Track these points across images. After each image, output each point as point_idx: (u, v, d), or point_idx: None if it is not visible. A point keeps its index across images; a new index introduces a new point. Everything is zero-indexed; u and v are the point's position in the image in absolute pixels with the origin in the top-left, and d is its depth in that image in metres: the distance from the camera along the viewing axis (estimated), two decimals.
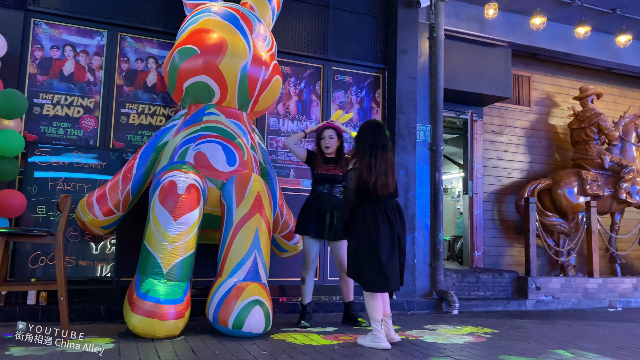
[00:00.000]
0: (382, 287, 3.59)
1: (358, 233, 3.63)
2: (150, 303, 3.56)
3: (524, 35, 6.93)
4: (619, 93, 8.42)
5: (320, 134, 4.53)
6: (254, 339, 3.75)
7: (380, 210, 3.61)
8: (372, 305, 3.60)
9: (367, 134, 3.70)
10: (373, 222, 3.58)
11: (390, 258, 3.57)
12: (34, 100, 4.80)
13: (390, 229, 3.61)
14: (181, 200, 3.79)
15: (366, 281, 3.60)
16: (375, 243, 3.54)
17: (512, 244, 7.47)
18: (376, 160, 3.59)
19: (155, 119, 5.20)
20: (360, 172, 3.60)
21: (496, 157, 7.53)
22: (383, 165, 3.61)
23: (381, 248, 3.54)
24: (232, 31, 4.47)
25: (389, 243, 3.58)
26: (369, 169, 3.57)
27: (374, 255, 3.54)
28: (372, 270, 3.56)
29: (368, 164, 3.59)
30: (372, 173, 3.56)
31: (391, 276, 3.57)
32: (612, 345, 3.98)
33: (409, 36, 6.17)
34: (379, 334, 3.57)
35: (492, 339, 4.11)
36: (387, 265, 3.55)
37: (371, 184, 3.56)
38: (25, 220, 4.37)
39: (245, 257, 3.90)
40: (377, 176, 3.57)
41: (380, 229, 3.57)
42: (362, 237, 3.60)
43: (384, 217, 3.60)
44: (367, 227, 3.58)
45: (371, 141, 3.65)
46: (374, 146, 3.63)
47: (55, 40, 4.93)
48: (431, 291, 5.95)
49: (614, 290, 6.72)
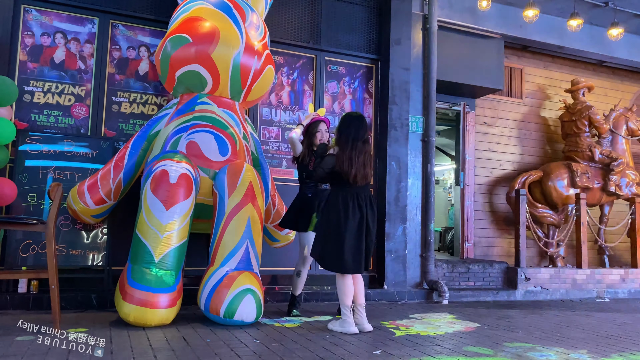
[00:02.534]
0: (339, 267, 3.71)
1: (328, 216, 3.77)
2: (142, 292, 3.58)
3: (517, 27, 6.95)
4: (610, 86, 8.48)
5: (315, 127, 4.42)
6: (246, 327, 3.78)
7: (352, 197, 3.73)
8: (342, 290, 3.74)
9: (349, 128, 3.79)
10: (344, 207, 3.71)
11: (355, 242, 3.70)
12: (25, 88, 4.76)
13: (360, 216, 3.72)
14: (173, 190, 3.79)
15: (324, 260, 3.76)
16: (342, 227, 3.68)
17: (503, 235, 7.53)
18: (357, 153, 3.71)
19: (147, 107, 5.18)
20: (340, 164, 3.70)
21: (488, 149, 7.57)
22: (362, 158, 3.73)
23: (347, 232, 3.67)
24: (224, 20, 4.45)
25: (356, 229, 3.70)
26: (349, 162, 3.69)
27: (338, 238, 3.68)
28: (333, 251, 3.70)
29: (349, 157, 3.70)
30: (352, 166, 3.68)
31: (352, 259, 3.69)
32: (598, 334, 4.04)
33: (402, 27, 6.17)
34: (347, 319, 3.71)
35: (481, 328, 4.16)
36: (350, 248, 3.68)
37: (351, 176, 3.69)
38: (16, 208, 4.36)
39: (237, 247, 3.92)
40: (357, 169, 3.69)
41: (350, 214, 3.69)
42: (332, 219, 3.73)
43: (354, 203, 3.72)
44: (338, 211, 3.71)
45: (353, 135, 3.75)
46: (355, 140, 3.74)
47: (45, 27, 4.89)
48: (422, 281, 6.00)
49: (602, 281, 6.80)
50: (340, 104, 6.06)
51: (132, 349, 3.02)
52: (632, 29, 7.54)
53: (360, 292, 3.83)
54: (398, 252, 5.90)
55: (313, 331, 3.77)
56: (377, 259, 5.95)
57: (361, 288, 3.85)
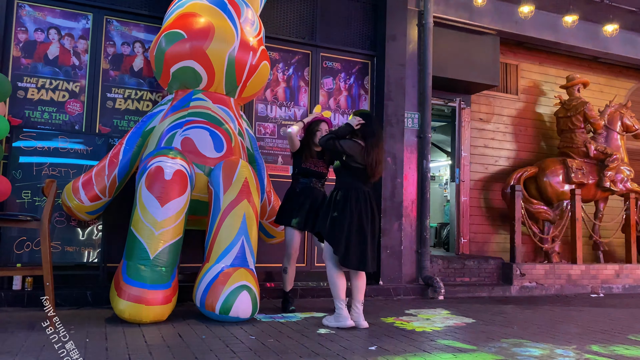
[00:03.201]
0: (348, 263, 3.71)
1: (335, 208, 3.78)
2: (137, 288, 3.57)
3: (512, 23, 6.95)
4: (605, 82, 8.49)
5: (316, 126, 4.43)
6: (241, 323, 3.78)
7: (362, 193, 3.81)
8: (335, 284, 3.78)
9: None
10: (355, 203, 3.76)
11: (359, 238, 3.72)
12: (18, 84, 4.73)
13: (366, 212, 3.77)
14: (168, 186, 3.78)
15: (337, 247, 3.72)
16: (350, 221, 3.71)
17: (498, 231, 7.55)
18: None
19: (142, 104, 5.16)
20: (368, 159, 3.79)
21: (483, 145, 7.58)
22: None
23: (354, 228, 3.71)
24: (219, 15, 4.43)
25: (358, 224, 3.73)
26: (377, 159, 3.83)
27: (348, 233, 3.70)
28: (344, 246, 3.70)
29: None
30: (379, 163, 3.85)
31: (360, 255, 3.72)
32: (593, 329, 4.06)
33: (398, 23, 6.16)
34: (341, 312, 3.73)
35: (476, 323, 4.17)
36: (353, 244, 3.70)
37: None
38: (10, 205, 4.34)
39: (233, 243, 3.91)
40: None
41: (354, 210, 3.73)
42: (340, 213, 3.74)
43: (361, 199, 3.79)
44: (344, 205, 3.74)
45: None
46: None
47: (39, 22, 4.86)
48: (417, 277, 6.01)
49: (597, 276, 6.84)
50: (335, 100, 6.06)
51: (127, 346, 3.02)
52: (627, 25, 7.55)
53: (361, 289, 3.85)
54: (394, 248, 5.91)
55: (309, 327, 3.77)
56: None
57: (362, 285, 3.87)
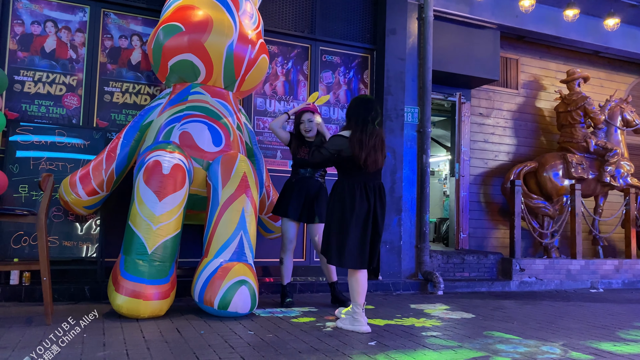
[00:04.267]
0: (340, 261, 3.49)
1: (332, 206, 3.56)
2: (135, 283, 3.55)
3: (513, 17, 6.91)
4: (605, 77, 8.46)
5: (299, 117, 4.44)
6: (240, 318, 3.76)
7: (360, 187, 3.50)
8: (353, 287, 3.55)
9: (358, 109, 3.55)
10: (350, 196, 3.48)
11: (360, 236, 3.48)
12: (15, 77, 4.69)
13: (367, 207, 3.49)
14: (166, 180, 3.75)
15: (332, 256, 3.52)
16: (347, 218, 3.46)
17: (497, 226, 7.54)
18: (367, 136, 3.46)
19: (139, 97, 5.12)
20: (350, 147, 3.46)
21: (483, 140, 7.55)
22: (373, 141, 3.48)
23: (351, 224, 3.45)
24: (217, 8, 4.39)
25: (362, 221, 3.48)
26: (359, 144, 3.44)
27: (342, 230, 3.47)
28: (336, 243, 3.49)
29: (359, 139, 3.45)
30: (362, 149, 3.43)
31: (355, 254, 3.47)
32: (592, 324, 4.05)
33: (398, 16, 6.12)
34: (359, 318, 3.49)
35: (475, 319, 4.16)
36: (354, 242, 3.46)
37: (362, 160, 3.44)
38: (7, 199, 4.31)
39: (231, 238, 3.89)
40: (368, 152, 3.45)
41: (356, 205, 3.46)
42: (336, 210, 3.52)
43: (362, 194, 3.49)
44: (343, 201, 3.49)
45: (363, 116, 3.51)
46: (365, 121, 3.49)
47: (36, 15, 4.81)
48: (417, 272, 5.99)
49: (596, 271, 6.83)
50: (335, 94, 6.02)
51: (125, 341, 3.00)
52: (628, 19, 7.52)
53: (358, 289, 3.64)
54: (393, 243, 5.89)
55: (307, 322, 3.75)
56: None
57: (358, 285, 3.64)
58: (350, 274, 3.57)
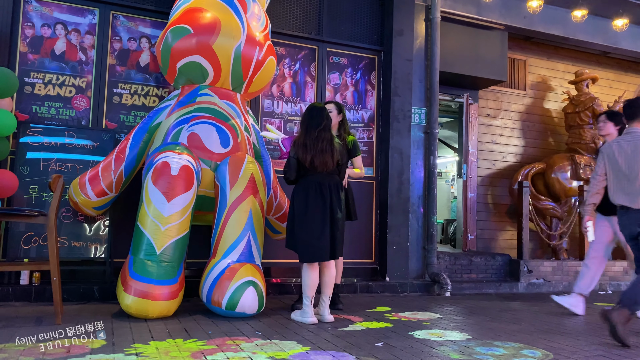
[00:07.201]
0: (305, 257, 3.75)
1: (292, 205, 3.85)
2: (143, 284, 3.57)
3: (521, 18, 6.89)
4: (614, 77, 8.42)
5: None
6: (247, 319, 3.78)
7: (313, 187, 3.78)
8: (305, 281, 3.78)
9: (304, 116, 3.92)
10: (304, 195, 3.78)
11: (318, 231, 3.73)
12: (25, 80, 4.74)
13: (322, 204, 3.76)
14: (174, 181, 3.78)
15: (297, 251, 3.80)
16: (303, 215, 3.74)
17: (505, 228, 7.51)
18: (311, 140, 3.78)
19: (148, 99, 5.16)
20: (296, 151, 3.81)
21: (491, 141, 7.53)
22: (320, 144, 3.79)
23: (307, 221, 3.73)
24: (225, 10, 4.41)
25: (320, 217, 3.74)
26: (304, 148, 3.78)
27: (300, 227, 3.75)
28: (300, 241, 3.75)
29: (303, 143, 3.79)
30: (307, 152, 3.76)
31: (314, 248, 3.73)
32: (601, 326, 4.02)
33: (405, 17, 6.12)
34: (307, 309, 3.76)
35: (482, 320, 4.15)
36: (311, 237, 3.72)
37: (308, 162, 3.76)
38: (17, 200, 4.35)
39: (239, 239, 3.91)
40: (314, 155, 3.76)
41: (310, 203, 3.75)
42: (295, 208, 3.81)
43: (316, 192, 3.77)
44: (299, 200, 3.79)
45: (307, 123, 3.86)
46: (309, 127, 3.84)
47: (46, 18, 4.86)
48: (424, 273, 5.99)
49: (605, 273, 6.77)
50: (342, 95, 6.03)
51: (134, 341, 3.02)
52: (637, 20, 7.46)
53: (329, 283, 3.85)
54: (400, 244, 5.88)
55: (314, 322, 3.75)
56: (379, 250, 5.94)
57: (331, 280, 3.87)
58: (304, 267, 3.80)
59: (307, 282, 3.77)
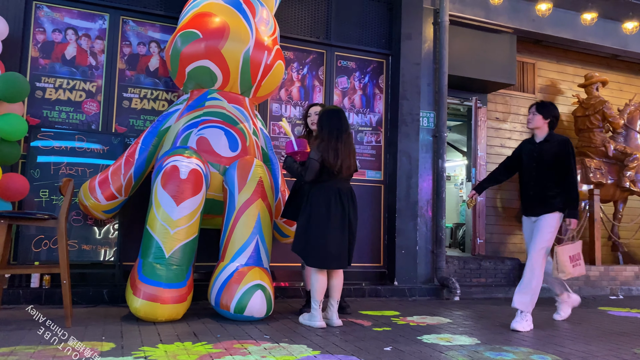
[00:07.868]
0: (323, 264, 3.73)
1: (309, 211, 3.78)
2: (152, 287, 3.59)
3: (530, 21, 6.86)
4: (624, 80, 8.35)
5: (307, 112, 4.44)
6: (256, 323, 3.78)
7: (335, 193, 3.76)
8: (314, 286, 3.76)
9: (331, 120, 3.83)
10: (326, 201, 3.74)
11: (339, 237, 3.74)
12: (36, 84, 4.78)
13: (342, 212, 3.76)
14: (183, 185, 3.79)
15: (309, 256, 3.75)
16: (325, 222, 3.71)
17: (514, 232, 7.46)
18: (342, 145, 3.76)
19: (157, 103, 5.19)
20: (325, 157, 3.71)
21: (500, 145, 7.50)
22: (347, 149, 3.79)
23: (330, 227, 3.71)
24: (234, 15, 4.44)
25: (339, 224, 3.74)
26: (335, 153, 3.72)
27: (322, 233, 3.71)
28: (318, 247, 3.71)
29: (335, 147, 3.73)
30: (338, 157, 3.73)
31: (336, 255, 3.73)
32: (612, 331, 3.99)
33: (413, 21, 6.12)
34: (315, 313, 3.75)
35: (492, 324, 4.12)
36: (334, 244, 3.71)
37: (337, 167, 3.72)
38: (28, 204, 4.39)
39: (247, 242, 3.92)
40: (343, 159, 3.74)
41: (332, 209, 3.73)
42: (314, 215, 3.75)
43: (337, 199, 3.76)
44: (320, 206, 3.74)
45: (337, 126, 3.80)
46: (339, 131, 3.79)
47: (57, 23, 4.91)
48: (432, 278, 5.96)
49: (616, 278, 6.72)
50: (350, 99, 6.03)
51: (143, 344, 3.03)
52: None
53: (337, 288, 3.85)
54: (409, 248, 5.87)
55: (323, 326, 3.75)
56: (387, 255, 5.93)
57: (339, 284, 3.87)
58: (315, 272, 3.77)
59: (316, 286, 3.76)
